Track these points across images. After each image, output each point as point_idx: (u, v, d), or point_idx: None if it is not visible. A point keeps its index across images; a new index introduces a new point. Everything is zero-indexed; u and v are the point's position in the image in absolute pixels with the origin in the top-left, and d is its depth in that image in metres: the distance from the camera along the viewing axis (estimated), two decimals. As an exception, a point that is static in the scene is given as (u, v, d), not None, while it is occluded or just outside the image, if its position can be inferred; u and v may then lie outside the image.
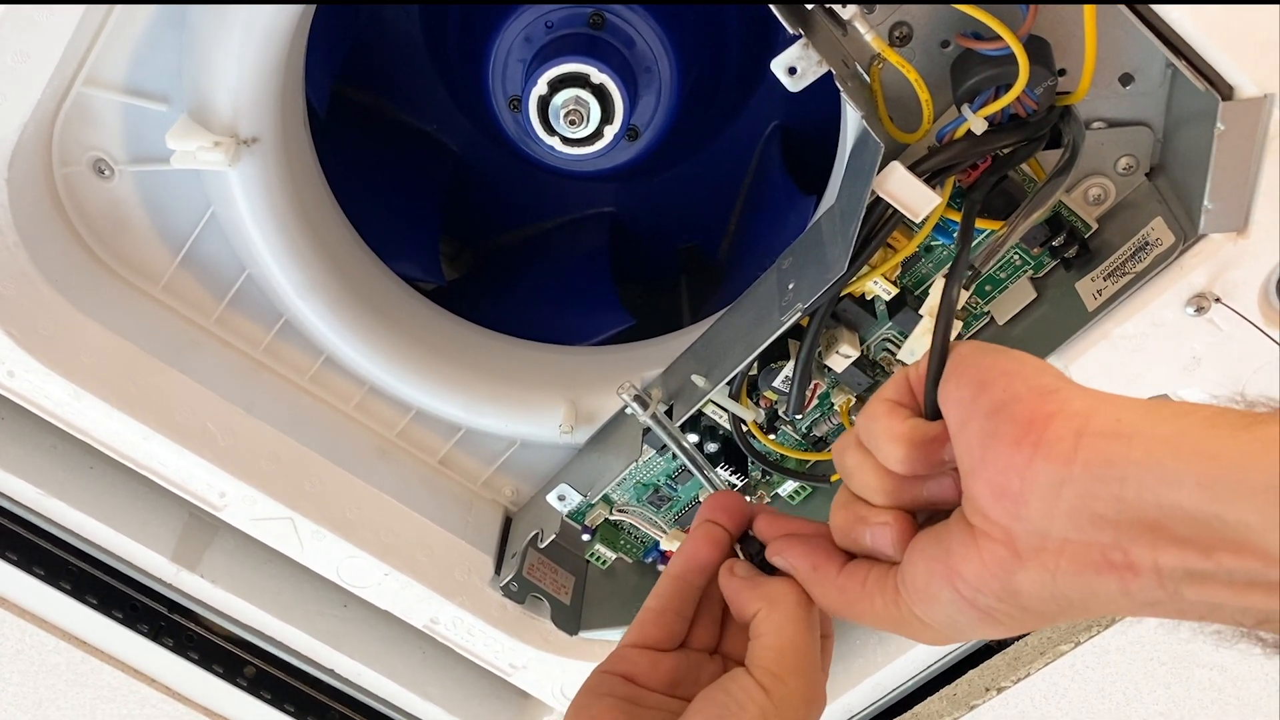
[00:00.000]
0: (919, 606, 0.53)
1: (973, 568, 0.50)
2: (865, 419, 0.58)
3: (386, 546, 1.01)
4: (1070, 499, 0.46)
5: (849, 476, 0.58)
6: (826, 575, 0.58)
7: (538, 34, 1.01)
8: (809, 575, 0.59)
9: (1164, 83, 0.77)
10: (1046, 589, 0.48)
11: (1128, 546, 0.45)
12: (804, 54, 0.69)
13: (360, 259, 1.03)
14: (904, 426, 0.55)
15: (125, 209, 0.93)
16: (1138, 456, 0.45)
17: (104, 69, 0.85)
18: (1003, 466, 0.48)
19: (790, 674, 0.60)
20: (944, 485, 0.55)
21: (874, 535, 0.56)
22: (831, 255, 0.80)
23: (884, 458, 0.55)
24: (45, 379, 0.90)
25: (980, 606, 0.50)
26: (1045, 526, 0.47)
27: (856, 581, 0.57)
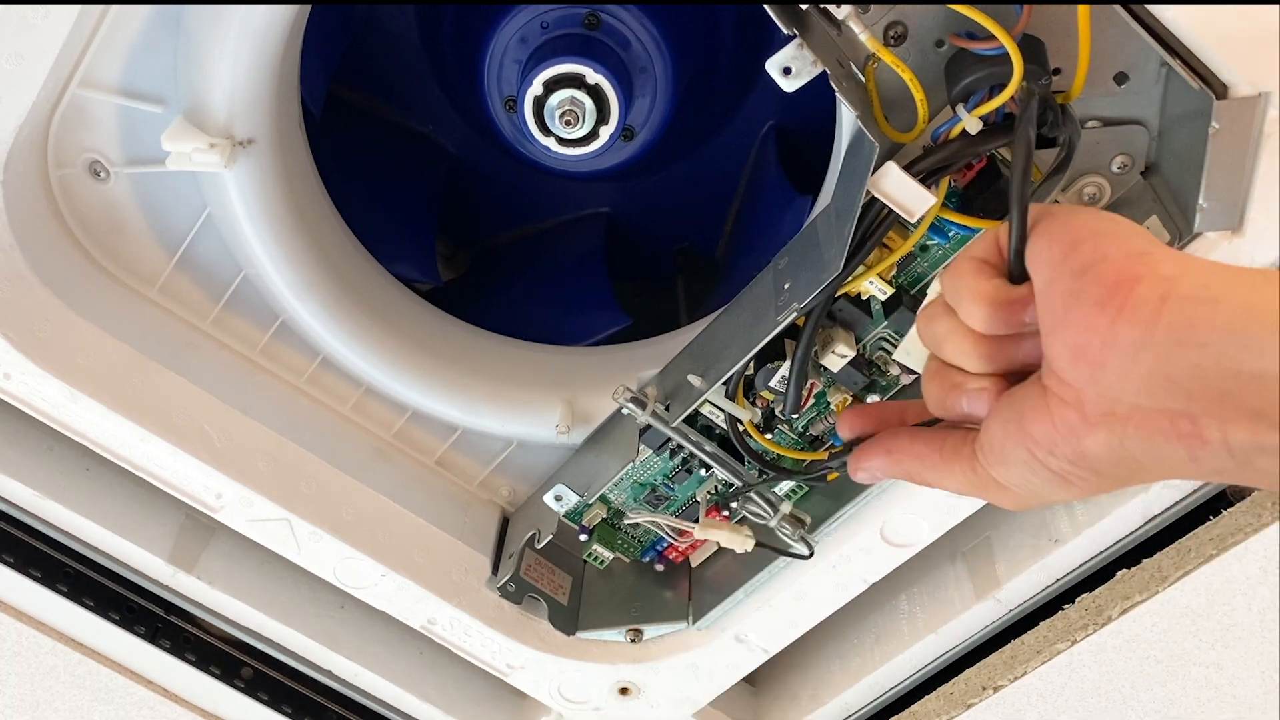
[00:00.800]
0: (996, 468, 0.55)
1: (1043, 430, 0.51)
2: (950, 277, 0.58)
3: (383, 547, 1.01)
4: (1148, 363, 0.46)
5: (939, 345, 0.59)
6: (902, 448, 0.61)
7: (533, 34, 1.01)
8: (885, 461, 0.63)
9: (1159, 81, 0.77)
10: (1115, 452, 0.48)
11: (1198, 416, 0.45)
12: (799, 54, 0.69)
13: (356, 260, 1.03)
14: (988, 285, 0.55)
15: (121, 211, 0.93)
16: (1222, 322, 0.44)
17: (99, 71, 0.85)
18: (1084, 327, 0.48)
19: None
20: (1037, 348, 0.54)
21: (970, 401, 0.56)
22: (827, 255, 0.80)
23: (966, 316, 0.56)
24: (41, 381, 0.90)
25: (1052, 468, 0.51)
26: (1119, 391, 0.47)
27: (934, 449, 0.59)
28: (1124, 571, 0.94)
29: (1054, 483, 0.52)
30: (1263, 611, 0.92)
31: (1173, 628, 0.94)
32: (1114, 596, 0.94)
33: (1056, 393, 0.50)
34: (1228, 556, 0.88)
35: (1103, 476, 0.50)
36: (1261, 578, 0.89)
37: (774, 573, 1.00)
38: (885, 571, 0.98)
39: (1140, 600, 0.93)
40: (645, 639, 1.07)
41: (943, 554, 1.04)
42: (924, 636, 1.03)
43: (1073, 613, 0.97)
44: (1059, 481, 0.52)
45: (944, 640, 1.03)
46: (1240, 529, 0.87)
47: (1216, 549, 0.88)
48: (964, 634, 1.02)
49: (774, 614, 1.02)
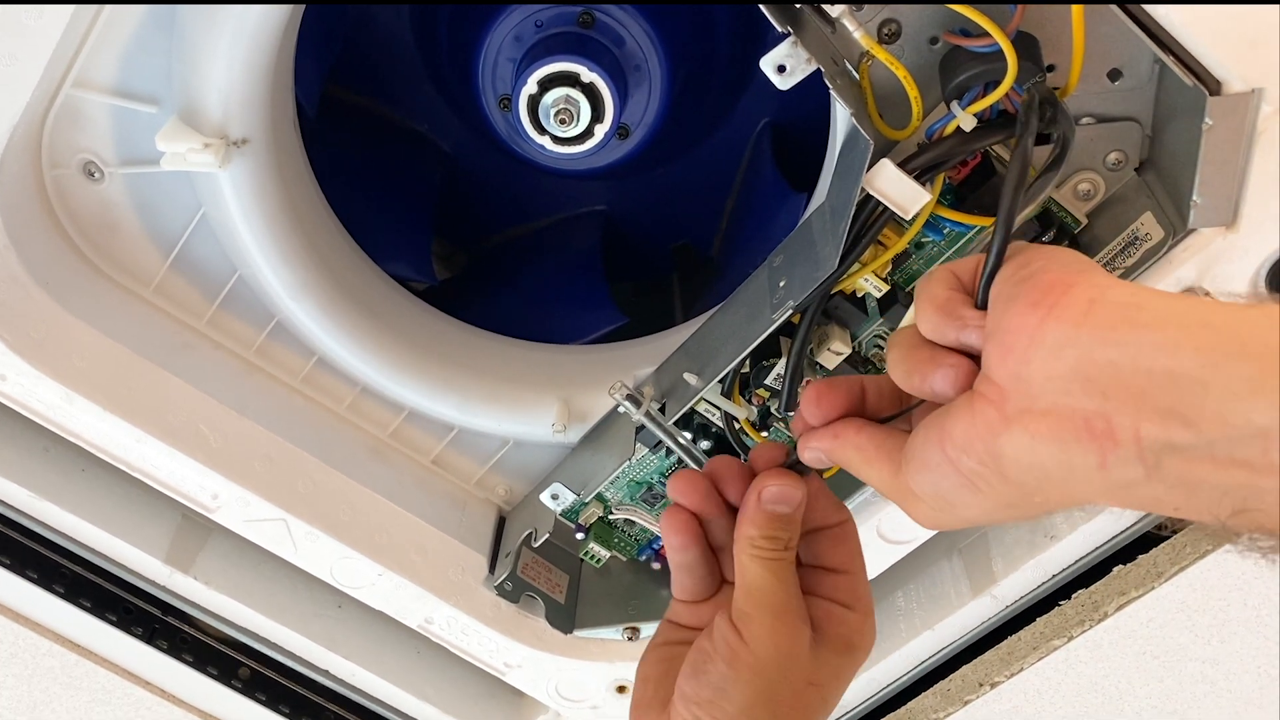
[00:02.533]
0: (912, 475, 0.55)
1: (961, 428, 0.52)
2: (925, 278, 0.60)
3: (380, 547, 1.01)
4: (1069, 361, 0.47)
5: (927, 314, 0.58)
6: (847, 436, 0.61)
7: (527, 33, 1.01)
8: (829, 444, 0.62)
9: (1152, 78, 0.77)
10: (1026, 455, 0.49)
11: (1111, 414, 0.46)
12: (793, 52, 0.69)
13: (351, 259, 1.03)
14: (944, 295, 0.57)
15: (116, 211, 0.93)
16: (1143, 321, 0.46)
17: (93, 71, 0.85)
18: (1015, 326, 0.50)
19: (759, 612, 0.65)
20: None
21: (939, 378, 0.56)
22: (822, 253, 0.80)
23: (918, 317, 0.58)
24: (37, 382, 0.90)
25: (963, 470, 0.52)
26: (1039, 389, 0.48)
27: (873, 444, 0.60)
28: (1120, 567, 0.94)
29: (961, 487, 0.53)
30: (1258, 607, 0.92)
31: (1169, 623, 0.94)
32: (1110, 592, 0.94)
33: (982, 393, 0.51)
34: (1222, 552, 0.88)
35: (1008, 484, 0.51)
36: (1257, 573, 0.89)
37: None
38: (882, 568, 0.98)
39: (1136, 596, 0.93)
40: (642, 637, 1.07)
41: (939, 550, 1.04)
42: (920, 633, 1.03)
43: (1069, 609, 0.97)
44: (966, 486, 0.52)
45: (941, 637, 1.03)
46: (1236, 525, 0.87)
47: (1212, 545, 0.88)
48: (961, 630, 1.03)
49: (771, 612, 1.02)
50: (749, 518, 0.66)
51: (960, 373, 0.55)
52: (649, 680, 0.70)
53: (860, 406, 0.64)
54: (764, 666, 0.65)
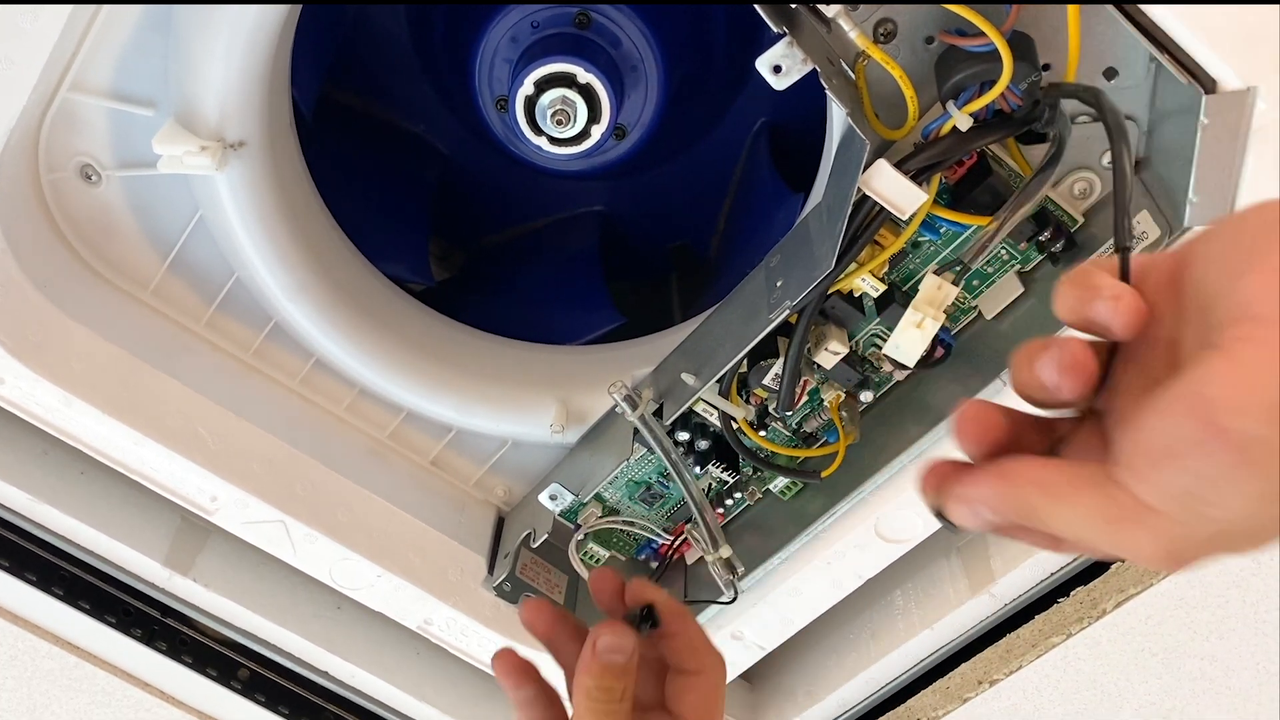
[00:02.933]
0: (1148, 476, 0.42)
1: (1227, 383, 0.40)
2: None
3: (379, 548, 1.02)
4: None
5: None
6: (1021, 473, 0.47)
7: (524, 34, 1.01)
8: (999, 487, 0.47)
9: (1148, 76, 0.77)
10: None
11: None
12: (789, 52, 0.69)
13: (349, 261, 1.03)
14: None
15: (113, 214, 0.93)
16: None
17: (89, 74, 0.85)
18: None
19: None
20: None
21: (1110, 309, 0.46)
22: (819, 253, 0.80)
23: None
24: (36, 385, 0.90)
25: (1237, 438, 0.39)
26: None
27: (1056, 472, 0.46)
28: (1119, 564, 0.94)
29: (1234, 467, 0.40)
30: (1256, 604, 0.92)
31: (1167, 620, 0.94)
32: (1108, 590, 0.94)
33: (1243, 338, 0.41)
34: (1221, 549, 0.88)
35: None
36: (1255, 569, 0.90)
37: (769, 570, 1.00)
38: (880, 567, 0.98)
39: (1134, 593, 0.93)
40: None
41: (937, 549, 1.05)
42: (919, 632, 1.03)
43: (1067, 606, 0.97)
44: (1240, 463, 0.40)
45: (939, 635, 1.03)
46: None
47: (1210, 542, 0.88)
48: (959, 629, 1.03)
49: (770, 611, 1.02)
50: (584, 667, 0.65)
51: (1132, 306, 0.47)
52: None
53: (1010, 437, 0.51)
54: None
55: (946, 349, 0.90)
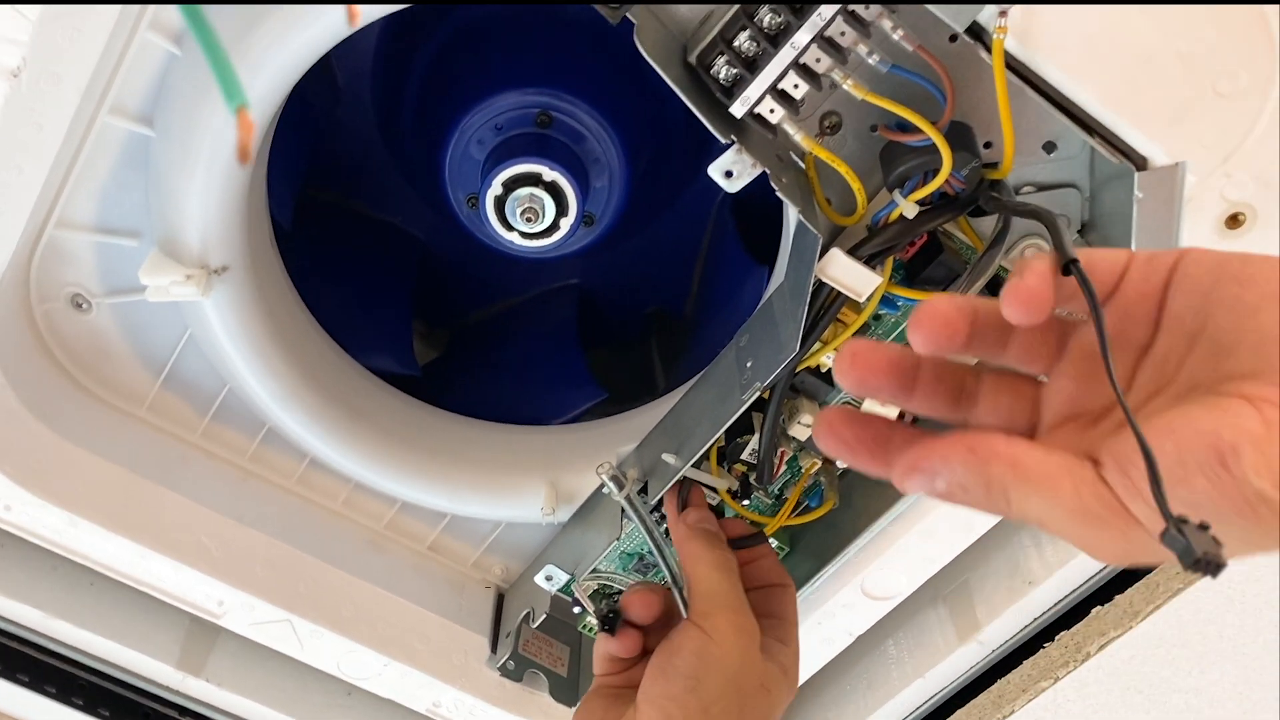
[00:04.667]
0: (1145, 497, 0.42)
1: (1252, 439, 0.41)
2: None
3: (383, 638, 1.05)
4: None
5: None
6: (992, 447, 0.46)
7: (488, 137, 1.04)
8: (967, 461, 0.47)
9: (1085, 147, 0.80)
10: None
11: None
12: (738, 158, 0.72)
13: (335, 363, 1.06)
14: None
15: (105, 338, 0.96)
16: None
17: (74, 211, 0.88)
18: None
19: (718, 609, 0.78)
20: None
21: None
22: (784, 334, 0.83)
23: None
24: (41, 510, 0.94)
25: (1248, 491, 0.41)
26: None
27: (1035, 458, 0.46)
28: (1098, 608, 0.97)
29: (1235, 512, 0.42)
30: (1234, 637, 0.95)
31: (1150, 659, 0.97)
32: (1090, 633, 0.97)
33: (1275, 403, 0.42)
34: (1194, 589, 0.91)
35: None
36: (1228, 606, 0.93)
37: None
38: (869, 625, 1.01)
39: (1116, 635, 0.96)
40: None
41: (924, 598, 1.07)
42: (912, 681, 1.06)
43: (1053, 650, 1.00)
44: (1242, 511, 0.41)
45: (931, 684, 1.06)
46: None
47: (1183, 583, 0.92)
48: (951, 676, 1.05)
49: (767, 671, 1.05)
50: (682, 533, 0.87)
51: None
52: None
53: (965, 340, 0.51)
54: (728, 656, 0.77)
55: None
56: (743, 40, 0.71)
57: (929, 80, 0.73)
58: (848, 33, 0.70)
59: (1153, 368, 0.49)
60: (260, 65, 0.78)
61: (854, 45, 0.70)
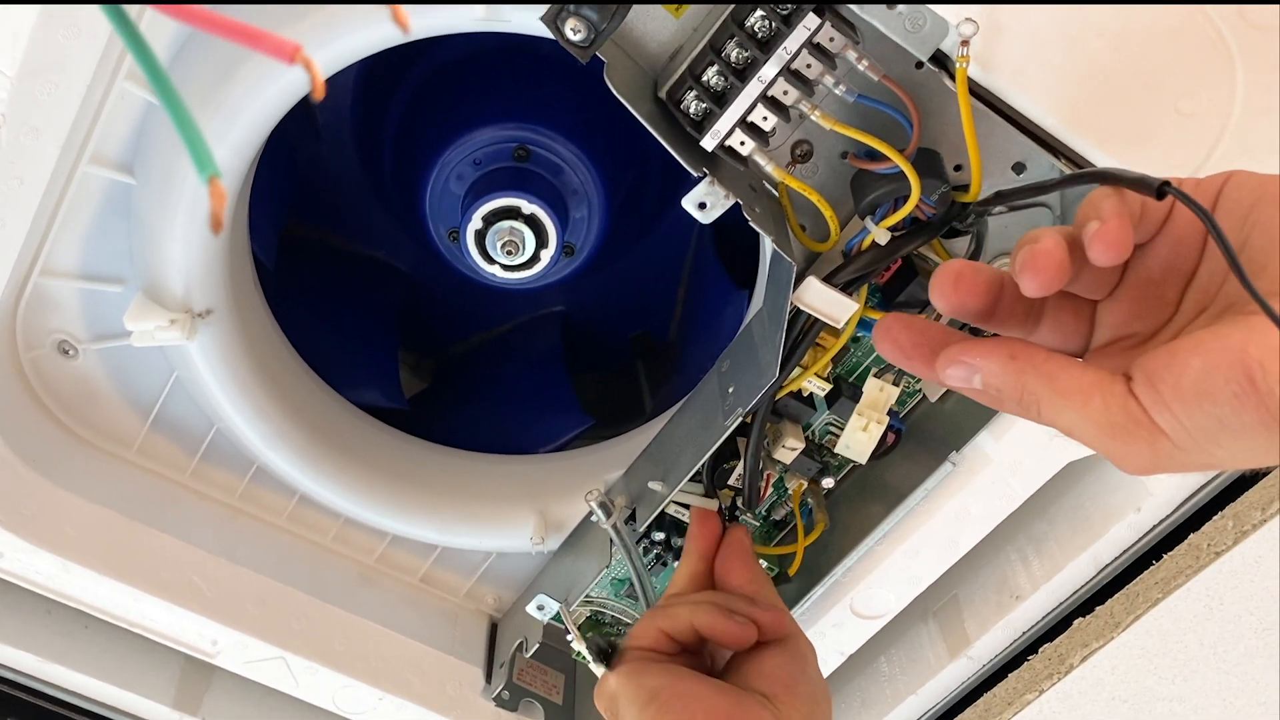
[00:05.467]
0: (1176, 406, 0.45)
1: (1277, 353, 0.42)
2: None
3: (377, 672, 1.05)
4: None
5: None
6: (1029, 356, 0.50)
7: (467, 172, 1.05)
8: (1003, 368, 0.50)
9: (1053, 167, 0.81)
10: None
11: None
12: (711, 190, 0.73)
13: (322, 399, 1.07)
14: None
15: (93, 383, 0.97)
16: None
17: (58, 259, 0.89)
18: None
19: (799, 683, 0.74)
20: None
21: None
22: (764, 361, 0.84)
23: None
24: (33, 556, 0.94)
25: (1273, 404, 0.42)
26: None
27: (1071, 373, 0.48)
28: (1080, 620, 0.98)
29: (1259, 425, 0.43)
30: (1214, 645, 0.96)
31: (1133, 668, 0.98)
32: (1073, 645, 0.98)
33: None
34: (1173, 599, 0.92)
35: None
36: (1208, 615, 0.94)
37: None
38: (859, 643, 1.02)
39: (1098, 646, 0.97)
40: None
41: (915, 614, 1.08)
42: (905, 698, 1.07)
43: (1037, 663, 1.01)
44: (1267, 424, 0.43)
45: (924, 700, 1.07)
46: (1181, 572, 0.91)
47: (1162, 592, 0.92)
48: (942, 692, 1.06)
49: (759, 692, 1.06)
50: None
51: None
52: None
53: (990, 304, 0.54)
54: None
55: (898, 434, 0.94)
56: (711, 75, 0.72)
57: (895, 109, 0.74)
58: (814, 64, 0.71)
59: (1198, 291, 0.51)
60: (237, 111, 0.79)
61: (821, 76, 0.71)
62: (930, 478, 0.90)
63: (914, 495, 0.91)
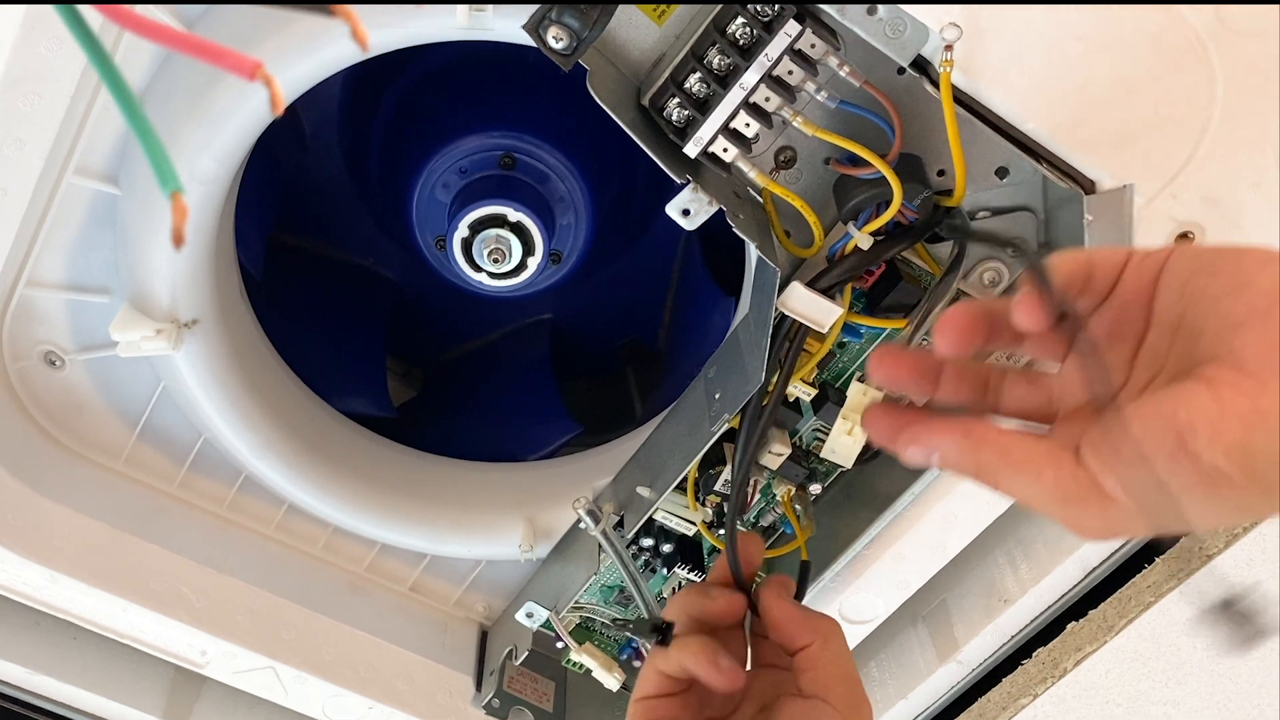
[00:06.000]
0: (1119, 471, 0.48)
1: (1206, 418, 0.45)
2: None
3: (367, 681, 1.05)
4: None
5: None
6: (984, 434, 0.52)
7: (453, 180, 1.05)
8: (959, 446, 0.53)
9: (1036, 171, 0.81)
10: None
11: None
12: (694, 197, 0.73)
13: (310, 409, 1.07)
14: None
15: (80, 394, 0.97)
16: None
17: (44, 270, 0.89)
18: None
19: (851, 691, 0.70)
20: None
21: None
22: (750, 366, 0.84)
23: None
24: (21, 568, 0.94)
25: (1205, 465, 0.45)
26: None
27: (1023, 443, 0.51)
28: (1073, 624, 0.98)
29: (1195, 486, 0.46)
30: (1207, 648, 0.96)
31: (1126, 672, 0.98)
32: (1067, 649, 0.98)
33: (1229, 383, 0.46)
34: (1165, 602, 0.92)
35: (1255, 482, 0.45)
36: (1200, 617, 0.94)
37: (749, 661, 1.03)
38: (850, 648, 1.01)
39: (1091, 650, 0.97)
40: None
41: (904, 619, 1.08)
42: (895, 703, 1.07)
43: (1031, 667, 1.01)
44: (1202, 485, 0.46)
45: (914, 705, 1.07)
46: (1173, 575, 0.91)
47: (1154, 595, 0.93)
48: (933, 696, 1.06)
49: (750, 698, 1.06)
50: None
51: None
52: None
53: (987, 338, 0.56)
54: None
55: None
56: (693, 82, 0.72)
57: (878, 114, 0.74)
58: (795, 71, 0.71)
59: (1147, 357, 0.53)
60: (222, 121, 0.79)
61: (802, 83, 0.72)
62: (917, 482, 0.90)
63: (901, 500, 0.91)
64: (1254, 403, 0.45)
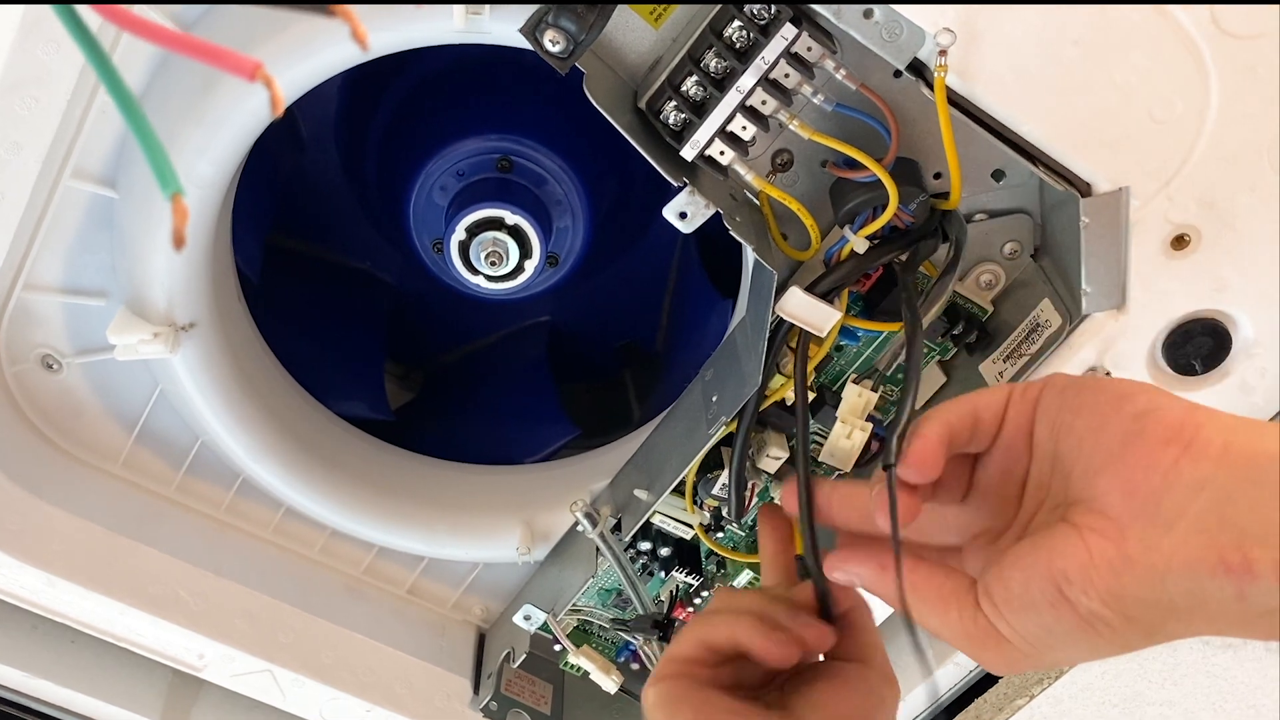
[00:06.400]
0: (1008, 615, 0.51)
1: (1078, 566, 0.49)
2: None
3: (365, 684, 1.05)
4: (1207, 499, 0.46)
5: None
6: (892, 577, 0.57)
7: (450, 183, 1.06)
8: (876, 578, 0.60)
9: (1033, 174, 0.82)
10: (1154, 592, 0.47)
11: (1249, 548, 0.44)
12: (691, 200, 0.73)
13: (308, 412, 1.07)
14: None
15: (77, 397, 0.97)
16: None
17: (41, 273, 0.89)
18: (1146, 464, 0.49)
19: (887, 659, 0.70)
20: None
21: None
22: (747, 369, 0.84)
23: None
24: (18, 571, 0.94)
25: (1081, 611, 0.49)
26: (1169, 525, 0.47)
27: (932, 585, 0.56)
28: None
29: (1078, 630, 0.49)
30: (1203, 649, 0.96)
31: (1123, 673, 0.98)
32: (1062, 650, 0.98)
33: (1095, 529, 0.49)
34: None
35: (1132, 623, 0.48)
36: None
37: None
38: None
39: (1087, 651, 0.97)
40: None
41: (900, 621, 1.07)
42: (892, 706, 1.07)
43: (1026, 669, 1.00)
44: (1083, 629, 0.49)
45: (911, 707, 1.06)
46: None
47: (1150, 597, 0.92)
48: (929, 698, 1.06)
49: (747, 705, 1.05)
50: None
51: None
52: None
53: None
54: None
55: (882, 441, 0.94)
56: (690, 85, 0.72)
57: (874, 118, 0.74)
58: (792, 74, 0.71)
59: (1033, 490, 0.57)
60: (219, 123, 0.79)
61: (799, 86, 0.72)
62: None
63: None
64: (1119, 549, 0.48)
